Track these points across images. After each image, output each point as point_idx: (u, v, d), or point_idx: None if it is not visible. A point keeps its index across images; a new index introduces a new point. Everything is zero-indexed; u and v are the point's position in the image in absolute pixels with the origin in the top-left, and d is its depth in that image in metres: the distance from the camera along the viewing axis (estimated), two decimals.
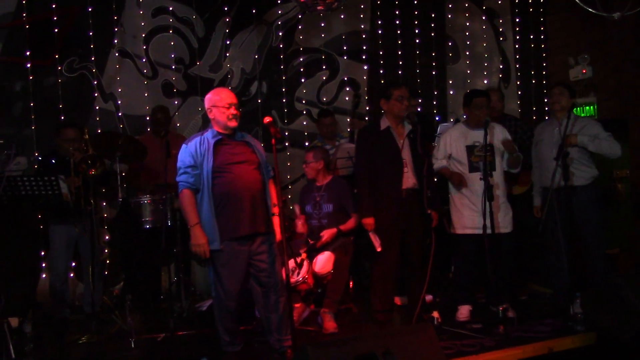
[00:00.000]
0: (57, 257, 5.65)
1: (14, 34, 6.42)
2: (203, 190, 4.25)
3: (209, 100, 4.39)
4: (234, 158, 4.32)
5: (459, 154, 5.24)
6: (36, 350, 4.80)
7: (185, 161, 4.28)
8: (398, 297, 5.66)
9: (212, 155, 4.25)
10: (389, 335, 3.69)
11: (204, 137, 4.34)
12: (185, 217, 4.29)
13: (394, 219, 5.00)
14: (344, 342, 3.59)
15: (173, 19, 7.12)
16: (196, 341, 5.02)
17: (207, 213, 4.23)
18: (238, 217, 4.25)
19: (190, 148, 4.29)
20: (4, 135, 5.71)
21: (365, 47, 7.96)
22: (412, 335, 3.71)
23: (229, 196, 4.25)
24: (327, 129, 6.62)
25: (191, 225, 4.23)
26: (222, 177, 4.25)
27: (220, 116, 4.33)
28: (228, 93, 4.42)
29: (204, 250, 4.21)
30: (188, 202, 4.25)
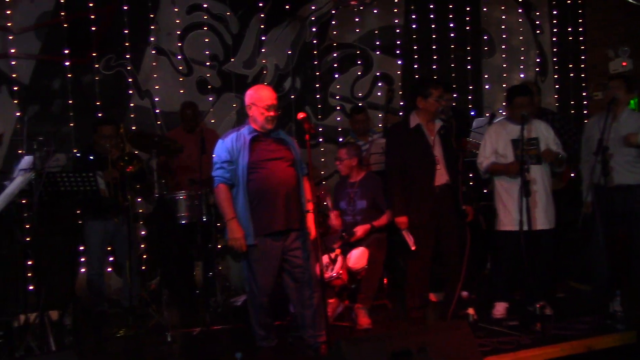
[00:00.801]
0: (94, 252, 5.75)
1: (53, 33, 6.54)
2: (238, 186, 4.28)
3: (250, 97, 4.41)
4: (270, 155, 4.34)
5: (505, 148, 5.14)
6: (75, 342, 4.90)
7: (222, 156, 4.31)
8: (433, 293, 5.61)
9: (248, 151, 4.28)
10: (424, 332, 3.68)
11: (240, 132, 4.36)
12: (222, 212, 4.34)
13: (427, 216, 4.96)
14: (379, 338, 3.58)
15: (207, 15, 7.17)
16: (231, 336, 5.06)
17: (242, 208, 4.26)
18: (272, 213, 4.27)
19: (226, 143, 4.33)
20: (43, 132, 5.81)
21: (399, 41, 7.90)
22: (448, 332, 3.68)
23: (263, 192, 4.27)
24: (360, 125, 6.59)
25: (228, 220, 4.27)
26: (257, 173, 4.27)
27: (258, 116, 4.36)
28: (269, 94, 4.42)
29: (240, 244, 4.23)
30: (224, 197, 4.29)
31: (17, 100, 6.37)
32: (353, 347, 3.41)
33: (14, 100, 6.37)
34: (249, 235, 4.25)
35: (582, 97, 8.40)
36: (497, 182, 5.22)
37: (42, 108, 6.50)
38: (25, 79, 6.46)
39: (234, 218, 4.25)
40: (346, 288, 5.41)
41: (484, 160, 5.20)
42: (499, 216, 5.19)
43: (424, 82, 5.56)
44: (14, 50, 6.38)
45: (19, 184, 4.38)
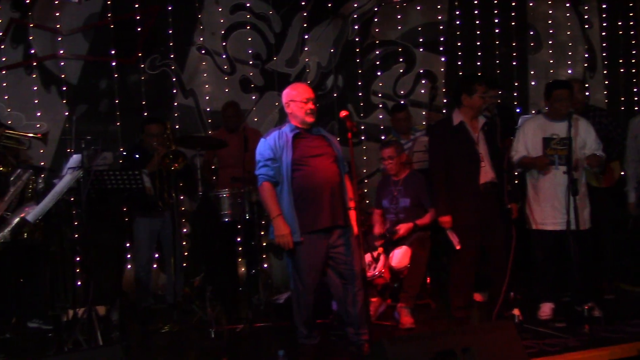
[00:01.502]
0: (140, 248, 5.85)
1: (100, 34, 6.68)
2: (282, 183, 4.29)
3: (287, 95, 4.43)
4: (313, 151, 4.34)
5: (535, 146, 5.07)
6: (122, 337, 4.99)
7: (265, 154, 4.33)
8: (477, 293, 5.53)
9: (291, 149, 4.29)
10: (468, 332, 3.61)
11: (282, 131, 4.38)
12: (267, 209, 4.35)
13: (472, 214, 4.89)
14: (422, 338, 3.54)
15: (250, 15, 7.22)
16: (273, 333, 5.08)
17: (287, 205, 4.27)
18: (317, 209, 4.27)
19: (269, 141, 4.34)
20: (91, 131, 5.94)
21: (443, 38, 7.81)
22: (493, 332, 3.61)
23: (308, 189, 4.27)
24: (402, 124, 6.54)
25: (274, 217, 4.27)
26: (301, 170, 4.28)
27: (298, 111, 4.36)
28: (305, 88, 4.45)
29: (287, 241, 4.24)
30: (269, 195, 4.30)
31: (66, 100, 6.54)
32: (396, 346, 3.38)
33: (63, 100, 6.54)
34: (294, 233, 4.26)
35: (633, 93, 8.16)
36: (527, 180, 5.16)
37: (89, 107, 6.66)
38: (73, 79, 6.63)
39: (280, 215, 4.26)
40: (388, 287, 5.38)
41: (515, 155, 5.14)
42: (528, 214, 5.12)
43: (468, 78, 5.49)
44: (63, 51, 6.56)
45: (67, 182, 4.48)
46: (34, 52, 6.48)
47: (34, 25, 6.47)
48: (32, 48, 6.48)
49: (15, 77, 6.43)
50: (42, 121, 6.40)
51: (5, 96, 6.31)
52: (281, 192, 4.30)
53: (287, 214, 4.27)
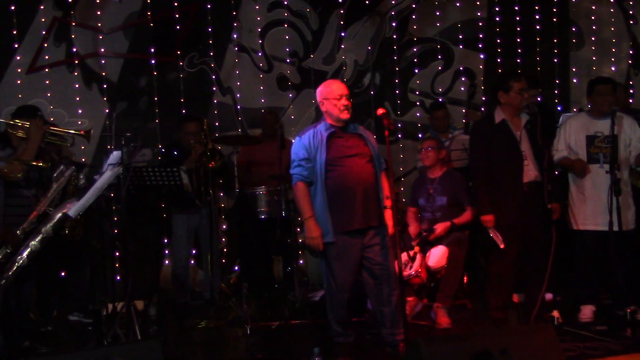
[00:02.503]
0: (178, 244, 5.92)
1: (140, 32, 6.78)
2: (316, 183, 4.28)
3: (321, 93, 4.40)
4: (347, 151, 4.30)
5: (578, 144, 4.98)
6: (159, 332, 5.05)
7: (299, 154, 4.31)
8: (516, 294, 5.44)
9: (325, 149, 4.27)
10: (506, 333, 3.56)
11: (317, 129, 4.35)
12: (299, 210, 4.35)
13: (514, 214, 4.81)
14: (459, 339, 3.50)
15: (288, 12, 7.25)
16: (309, 330, 5.08)
17: (321, 206, 4.26)
18: (351, 210, 4.24)
19: (303, 141, 4.33)
20: (130, 128, 6.04)
21: (482, 35, 7.72)
22: (531, 334, 3.54)
23: (342, 190, 4.25)
24: (440, 122, 6.48)
25: (305, 218, 4.27)
26: (336, 171, 4.26)
27: (332, 109, 4.33)
28: (339, 84, 4.42)
29: (317, 243, 4.24)
30: (302, 195, 4.29)
31: (107, 98, 6.66)
32: (432, 346, 3.34)
33: (104, 97, 6.66)
34: (327, 233, 4.24)
35: None
36: (570, 179, 5.08)
37: (129, 105, 6.76)
38: (114, 77, 6.74)
39: (312, 217, 4.25)
40: (425, 286, 5.33)
41: (556, 154, 5.05)
42: (571, 214, 5.03)
43: (504, 75, 5.41)
44: (104, 49, 6.67)
45: (108, 178, 4.54)
46: (76, 50, 6.61)
47: (76, 24, 6.60)
48: (74, 46, 6.60)
49: (58, 75, 6.56)
50: (83, 118, 6.52)
51: (48, 94, 6.44)
52: (315, 192, 4.29)
53: (320, 214, 4.26)
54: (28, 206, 4.52)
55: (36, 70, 6.48)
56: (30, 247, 4.35)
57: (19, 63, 6.40)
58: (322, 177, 4.25)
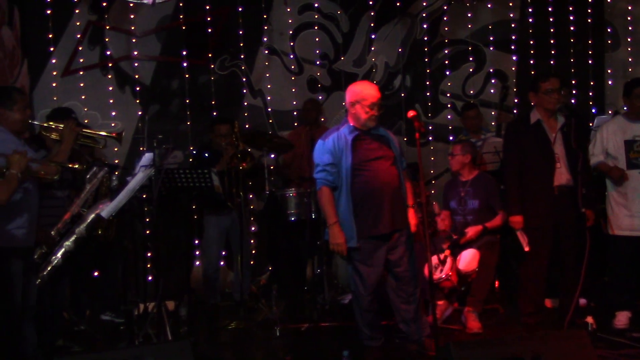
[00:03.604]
0: (209, 246, 5.95)
1: (172, 35, 6.86)
2: (341, 188, 4.22)
3: (354, 95, 4.30)
4: (372, 154, 4.25)
5: (616, 149, 4.88)
6: (190, 333, 5.08)
7: (324, 158, 4.25)
8: (548, 299, 5.36)
9: (350, 152, 4.21)
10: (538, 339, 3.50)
11: (340, 133, 4.28)
12: (324, 215, 4.31)
13: (544, 217, 4.74)
14: (490, 344, 3.46)
15: (319, 15, 7.26)
16: (338, 333, 5.07)
17: (346, 211, 4.21)
18: (378, 215, 4.20)
19: (327, 145, 4.26)
20: (162, 130, 6.10)
21: (515, 36, 7.63)
22: (564, 341, 3.48)
23: (368, 194, 4.21)
24: (472, 122, 6.42)
25: (330, 224, 4.23)
26: (361, 176, 4.21)
27: (362, 114, 4.26)
28: (374, 91, 4.31)
29: (342, 249, 4.21)
30: (327, 201, 4.24)
31: (139, 100, 6.74)
32: (462, 351, 3.31)
33: (136, 100, 6.74)
34: (351, 238, 4.20)
35: None
36: (608, 183, 4.99)
37: (161, 107, 6.84)
38: (146, 80, 6.82)
39: (337, 222, 4.20)
40: (455, 290, 5.28)
41: (593, 158, 4.95)
42: (608, 219, 4.93)
43: (535, 76, 5.34)
44: (137, 52, 6.75)
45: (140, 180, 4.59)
46: (109, 53, 6.70)
47: (110, 28, 6.70)
48: (107, 49, 6.70)
49: (92, 78, 6.66)
50: (116, 120, 6.62)
51: (83, 96, 6.55)
52: (339, 196, 4.24)
53: (345, 219, 4.21)
54: (62, 207, 4.60)
55: (71, 73, 6.59)
56: (64, 247, 4.42)
57: (54, 66, 6.52)
58: (347, 181, 4.20)
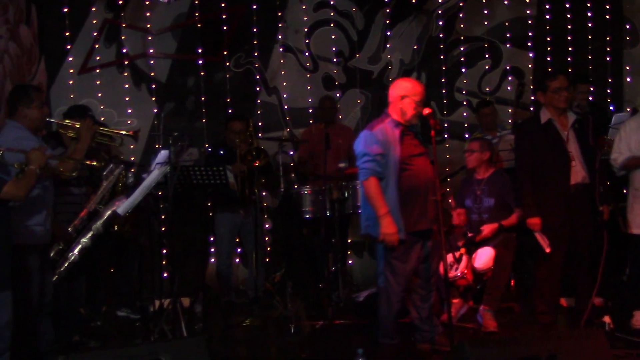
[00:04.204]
0: (223, 243, 5.97)
1: (187, 33, 6.88)
2: (388, 180, 4.18)
3: (405, 89, 4.28)
4: (415, 150, 4.27)
5: (638, 146, 4.80)
6: (205, 329, 5.11)
7: (373, 149, 4.18)
8: (564, 298, 5.32)
9: (399, 145, 4.19)
10: (554, 338, 3.47)
11: (386, 125, 4.24)
12: (373, 205, 4.18)
13: (561, 217, 4.69)
14: (505, 342, 3.44)
15: (334, 12, 7.24)
16: (353, 331, 5.07)
17: (394, 202, 4.16)
18: (422, 211, 4.21)
19: (376, 135, 4.20)
20: (178, 127, 6.14)
21: (531, 33, 7.57)
22: (581, 340, 3.45)
23: (413, 189, 4.19)
24: (487, 119, 6.38)
25: (382, 214, 4.13)
26: (408, 170, 4.20)
27: (409, 109, 4.24)
28: (423, 90, 4.33)
29: (394, 239, 4.14)
30: (377, 191, 4.16)
31: (155, 98, 6.76)
32: (478, 349, 3.29)
33: (152, 97, 6.77)
34: (400, 231, 4.16)
35: None
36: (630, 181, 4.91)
37: (177, 105, 6.86)
38: (162, 77, 6.84)
39: (388, 213, 4.14)
40: (471, 288, 5.26)
41: (618, 156, 4.86)
42: (628, 218, 4.87)
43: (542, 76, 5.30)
44: (153, 50, 6.78)
45: (155, 177, 4.62)
46: (125, 51, 6.74)
47: (126, 25, 6.73)
48: (124, 47, 6.73)
49: (108, 76, 6.70)
50: (132, 118, 6.65)
51: (99, 94, 6.58)
52: (386, 188, 4.18)
53: (393, 211, 4.16)
54: (79, 204, 4.64)
55: (87, 71, 6.63)
56: (81, 244, 4.46)
57: (71, 64, 6.56)
58: (395, 174, 4.17)
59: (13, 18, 5.85)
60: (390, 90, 4.37)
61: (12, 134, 3.90)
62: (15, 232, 3.72)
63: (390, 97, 4.34)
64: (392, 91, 4.35)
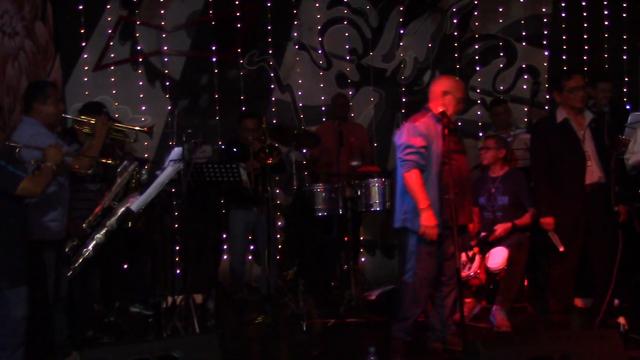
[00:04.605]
0: (236, 240, 5.98)
1: (201, 31, 6.90)
2: (429, 174, 4.17)
3: (449, 85, 4.32)
4: (455, 146, 4.28)
5: None
6: (217, 326, 5.12)
7: (417, 141, 4.16)
8: (579, 298, 5.28)
9: (442, 140, 4.18)
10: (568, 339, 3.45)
11: (428, 119, 4.24)
12: (415, 198, 4.14)
13: (576, 216, 4.66)
14: (518, 342, 3.42)
15: (348, 10, 7.23)
16: (365, 329, 5.06)
17: (434, 196, 4.14)
18: (460, 206, 4.19)
19: (419, 128, 4.18)
20: (191, 125, 6.15)
21: (547, 31, 7.51)
22: (595, 341, 3.43)
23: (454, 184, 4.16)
24: (501, 118, 6.34)
25: (423, 208, 4.10)
26: (449, 165, 4.18)
27: (452, 106, 4.26)
28: (464, 89, 4.39)
29: (434, 232, 4.11)
30: (420, 183, 4.13)
31: (169, 95, 6.79)
32: (490, 349, 3.27)
33: (166, 94, 6.80)
34: (439, 225, 4.14)
35: None
36: None
37: (190, 102, 6.89)
38: (176, 75, 6.87)
39: (430, 206, 4.11)
40: (484, 288, 5.24)
41: (632, 156, 4.81)
42: None
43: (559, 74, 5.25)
44: (167, 47, 6.81)
45: (169, 174, 4.64)
46: (140, 48, 6.77)
47: (141, 23, 6.76)
48: (138, 44, 6.76)
49: (122, 73, 6.73)
50: (146, 115, 6.68)
51: (113, 91, 6.62)
52: (426, 181, 4.16)
53: (434, 204, 4.14)
54: (93, 200, 4.66)
55: (102, 68, 6.67)
56: (95, 240, 4.49)
57: (86, 61, 6.60)
58: (437, 168, 4.16)
59: (29, 15, 5.90)
60: (433, 86, 4.40)
61: (28, 130, 3.93)
62: (31, 227, 3.75)
63: (433, 93, 4.34)
64: (434, 87, 4.37)
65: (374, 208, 5.64)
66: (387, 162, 7.13)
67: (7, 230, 3.54)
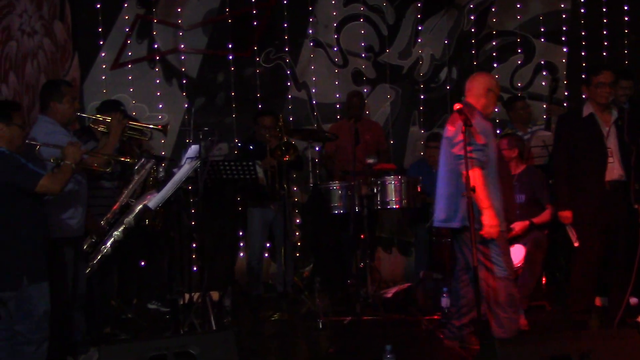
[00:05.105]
0: (253, 237, 6.00)
1: (218, 29, 6.92)
2: (488, 172, 4.11)
3: (490, 82, 4.29)
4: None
5: None
6: (233, 323, 5.14)
7: (478, 138, 4.09)
8: (598, 297, 5.22)
9: (493, 138, 4.17)
10: (587, 337, 3.42)
11: (478, 117, 4.16)
12: (479, 196, 4.02)
13: (595, 212, 4.61)
14: (536, 341, 3.40)
15: (364, 7, 7.20)
16: (380, 327, 5.05)
17: (493, 195, 4.09)
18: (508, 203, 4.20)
19: (477, 126, 4.08)
20: (208, 123, 6.17)
21: (566, 27, 7.43)
22: (614, 340, 3.39)
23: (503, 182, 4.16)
24: (519, 113, 6.28)
25: (486, 207, 4.02)
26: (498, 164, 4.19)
27: (492, 103, 4.27)
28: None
29: (496, 231, 4.05)
30: (483, 181, 4.04)
31: (186, 93, 6.82)
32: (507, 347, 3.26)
33: (183, 92, 6.82)
34: (501, 222, 4.10)
35: None
36: None
37: (207, 100, 6.91)
38: (193, 73, 6.90)
39: (492, 205, 4.05)
40: None
41: None
42: None
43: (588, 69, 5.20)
44: (183, 45, 6.83)
45: (186, 171, 4.65)
46: (157, 46, 6.80)
47: (158, 21, 6.79)
48: (155, 43, 6.80)
49: (139, 71, 6.77)
50: (163, 113, 6.72)
51: (131, 89, 6.66)
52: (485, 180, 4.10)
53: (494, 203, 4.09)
54: (111, 198, 4.70)
55: (119, 66, 6.71)
56: (113, 237, 4.52)
57: (103, 59, 6.65)
58: (493, 167, 4.13)
59: (47, 14, 5.95)
60: (475, 83, 4.32)
61: (44, 128, 3.97)
62: (51, 225, 3.79)
63: (475, 90, 4.28)
64: (477, 84, 4.30)
65: (390, 206, 5.63)
66: (403, 159, 7.12)
67: (28, 228, 3.58)
